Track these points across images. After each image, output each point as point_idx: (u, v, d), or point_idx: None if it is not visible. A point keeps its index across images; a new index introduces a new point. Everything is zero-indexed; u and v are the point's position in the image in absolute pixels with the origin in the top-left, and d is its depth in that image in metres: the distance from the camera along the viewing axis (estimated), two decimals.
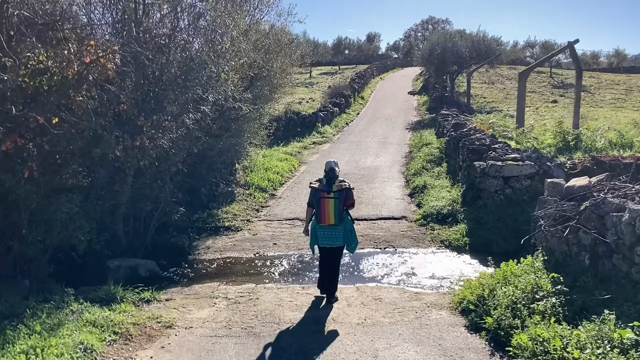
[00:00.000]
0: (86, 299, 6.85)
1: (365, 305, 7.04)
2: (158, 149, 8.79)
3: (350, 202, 7.26)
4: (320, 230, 7.20)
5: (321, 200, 7.11)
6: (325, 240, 7.19)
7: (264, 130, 15.73)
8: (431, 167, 14.99)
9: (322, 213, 7.08)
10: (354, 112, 30.95)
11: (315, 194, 7.22)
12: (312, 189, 7.37)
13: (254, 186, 13.94)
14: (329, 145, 21.65)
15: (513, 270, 6.67)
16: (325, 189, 7.17)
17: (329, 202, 7.06)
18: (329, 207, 7.04)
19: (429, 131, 21.87)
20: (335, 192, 7.11)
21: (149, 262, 8.99)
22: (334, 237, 7.17)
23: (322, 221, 7.08)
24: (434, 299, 7.27)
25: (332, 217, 7.04)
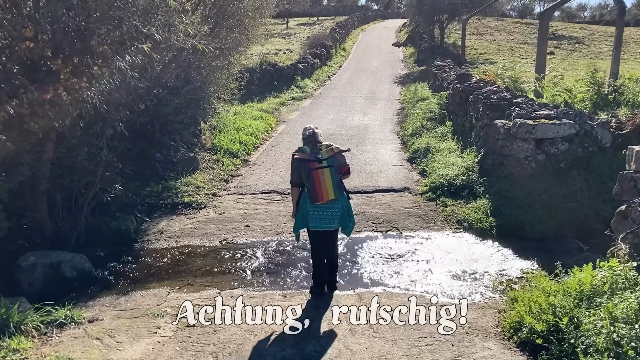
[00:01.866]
0: None
1: (376, 332, 4.87)
2: (82, 104, 6.36)
3: (345, 168, 5.72)
4: (313, 210, 5.59)
5: (312, 173, 5.41)
6: (318, 222, 5.61)
7: (234, 83, 13.26)
8: (432, 127, 12.74)
9: (318, 189, 5.41)
10: (336, 65, 28.34)
11: (302, 166, 5.47)
12: (296, 161, 5.54)
13: (222, 150, 11.56)
14: (310, 101, 19.20)
15: (595, 284, 4.52)
16: (313, 158, 5.46)
17: (324, 173, 5.42)
18: (325, 179, 5.41)
19: (421, 85, 19.54)
20: (328, 158, 5.48)
21: (77, 257, 6.68)
22: (329, 218, 5.61)
23: (318, 199, 5.44)
24: (472, 317, 5.14)
25: (331, 190, 5.44)
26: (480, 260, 6.72)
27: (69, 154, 7.07)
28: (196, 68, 10.57)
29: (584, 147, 8.28)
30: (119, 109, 7.46)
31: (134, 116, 8.48)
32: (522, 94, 10.99)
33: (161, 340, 4.78)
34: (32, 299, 5.75)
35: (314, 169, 5.39)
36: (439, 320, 5.08)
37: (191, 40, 7.41)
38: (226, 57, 11.69)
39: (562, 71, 20.50)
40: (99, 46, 6.30)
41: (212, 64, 11.17)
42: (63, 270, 6.44)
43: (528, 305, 4.69)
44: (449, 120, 12.69)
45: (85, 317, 5.28)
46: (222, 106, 13.83)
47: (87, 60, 6.30)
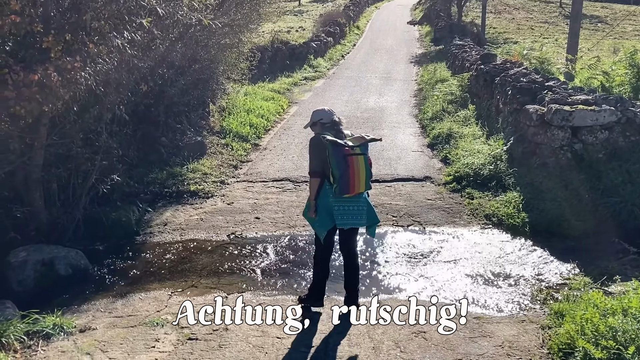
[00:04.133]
0: None
1: (403, 352, 4.27)
2: (75, 86, 5.75)
3: (370, 161, 4.91)
4: (338, 205, 4.84)
5: (348, 158, 4.65)
6: (346, 219, 4.88)
7: (244, 62, 12.58)
8: (454, 110, 12.00)
9: (352, 178, 4.68)
10: (349, 43, 27.45)
11: (337, 152, 4.65)
12: (330, 144, 4.65)
13: (231, 134, 10.92)
14: (323, 81, 18.46)
15: None
16: (347, 145, 4.72)
17: (358, 160, 4.70)
18: (360, 168, 4.70)
19: (439, 65, 18.70)
20: (360, 146, 4.77)
21: (72, 253, 6.13)
22: (357, 213, 4.91)
23: (349, 190, 4.72)
24: (511, 333, 4.53)
25: (363, 182, 4.76)
26: (513, 262, 6.08)
27: (63, 140, 6.49)
28: (204, 46, 9.90)
29: (626, 136, 7.56)
30: (118, 91, 6.87)
31: (137, 98, 7.88)
32: (553, 77, 10.21)
33: (159, 357, 4.22)
34: (21, 300, 5.25)
35: (348, 154, 4.66)
36: (473, 337, 4.48)
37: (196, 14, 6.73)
38: (236, 35, 11.00)
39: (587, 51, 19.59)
40: (94, 21, 5.68)
41: (221, 42, 10.49)
42: (57, 268, 5.91)
43: (580, 324, 4.06)
44: (471, 104, 11.95)
45: (76, 325, 4.74)
46: (232, 86, 13.19)
47: (81, 37, 5.70)
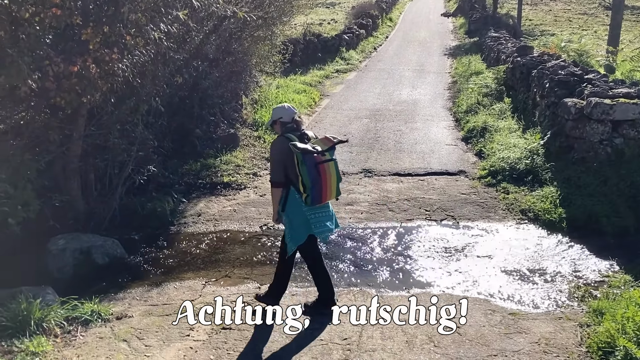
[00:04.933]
0: None
1: (437, 346, 4.23)
2: (113, 78, 5.84)
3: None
4: (313, 213, 4.56)
5: (319, 167, 4.38)
6: (322, 227, 4.62)
7: (277, 55, 12.59)
8: (489, 103, 11.78)
9: (324, 188, 4.43)
10: (382, 35, 27.20)
11: (308, 160, 4.36)
12: (300, 151, 4.33)
13: (264, 126, 10.95)
14: (355, 73, 18.36)
15: None
16: (312, 150, 4.41)
17: (330, 168, 4.46)
18: (332, 176, 4.48)
19: (473, 57, 18.37)
20: (328, 150, 4.51)
21: (108, 242, 6.26)
22: (329, 218, 4.72)
23: (322, 199, 4.48)
24: (547, 330, 4.44)
25: (334, 189, 4.55)
26: (550, 258, 5.96)
27: (101, 131, 6.60)
28: (238, 39, 9.95)
29: None
30: (154, 83, 6.95)
31: (172, 90, 7.97)
32: (592, 69, 9.93)
33: (194, 346, 4.27)
34: (61, 286, 5.38)
35: (319, 162, 4.36)
36: (508, 332, 4.40)
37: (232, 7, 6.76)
38: (269, 27, 11.01)
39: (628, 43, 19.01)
40: (132, 13, 5.74)
41: (255, 35, 10.53)
42: (94, 256, 6.03)
43: (620, 323, 3.96)
44: (507, 97, 11.72)
45: (113, 312, 4.83)
46: (265, 79, 13.23)
47: (118, 29, 5.77)
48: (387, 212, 7.24)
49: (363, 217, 7.10)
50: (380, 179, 8.52)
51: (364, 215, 7.17)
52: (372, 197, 7.79)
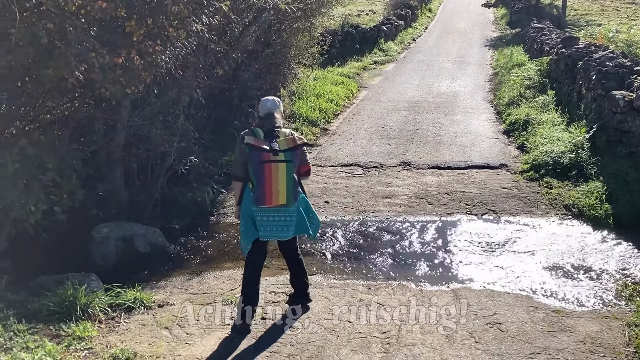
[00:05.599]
0: (20, 316, 4.29)
1: (478, 342, 4.17)
2: (156, 69, 5.93)
3: (306, 167, 4.50)
4: (260, 215, 4.29)
5: (263, 166, 4.13)
6: (268, 231, 4.33)
7: (315, 46, 12.56)
8: (531, 96, 11.50)
9: (267, 188, 4.15)
10: (421, 27, 26.86)
11: (252, 155, 4.18)
12: (246, 146, 4.20)
13: (301, 118, 10.97)
14: (394, 65, 18.18)
15: None
16: (267, 147, 4.17)
17: (277, 169, 4.14)
18: (279, 178, 4.14)
19: (516, 48, 17.97)
20: (287, 151, 4.18)
21: (150, 231, 6.37)
22: (282, 225, 4.34)
23: (265, 201, 4.18)
24: (593, 329, 4.32)
25: (283, 193, 4.17)
26: (595, 255, 5.79)
27: (143, 122, 6.72)
28: (277, 30, 9.98)
29: None
30: (195, 75, 7.03)
31: (212, 82, 8.03)
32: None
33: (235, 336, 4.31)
34: (104, 273, 5.51)
35: (265, 160, 4.12)
36: (552, 331, 4.30)
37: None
38: (308, 19, 11.00)
39: None
40: (174, 5, 5.79)
41: (294, 26, 10.53)
42: (136, 245, 6.15)
43: None
44: (551, 89, 11.41)
45: (155, 300, 4.92)
46: (302, 71, 13.23)
47: (161, 21, 5.82)
48: (427, 206, 7.16)
49: (401, 211, 7.04)
50: (419, 172, 8.42)
51: (402, 208, 7.11)
52: (411, 190, 7.71)
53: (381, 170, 8.56)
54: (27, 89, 5.33)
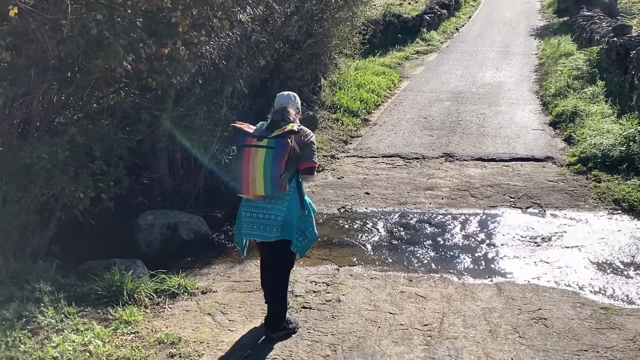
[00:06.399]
0: (70, 299, 4.44)
1: (522, 337, 4.09)
2: (200, 60, 6.00)
3: (307, 164, 4.01)
4: (246, 209, 4.05)
5: (243, 149, 3.89)
6: (250, 228, 4.02)
7: (357, 36, 12.48)
8: (580, 86, 11.15)
9: (244, 174, 3.84)
10: (464, 16, 26.34)
11: (238, 139, 3.98)
12: (232, 129, 4.09)
13: (342, 109, 10.94)
14: (436, 55, 17.91)
15: None
16: (254, 132, 3.94)
17: (256, 155, 3.81)
18: (256, 164, 3.78)
19: (563, 38, 17.43)
20: (273, 138, 3.84)
21: (194, 219, 6.49)
22: (266, 223, 3.97)
23: (242, 189, 3.91)
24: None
25: (260, 182, 3.79)
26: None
27: (188, 112, 6.82)
28: (319, 20, 9.95)
29: None
30: (238, 65, 7.08)
31: (254, 72, 8.08)
32: None
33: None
34: (149, 259, 5.64)
35: (246, 144, 3.86)
36: (600, 328, 4.19)
37: None
38: (350, 8, 10.93)
39: None
40: None
41: (336, 16, 10.49)
42: (180, 232, 6.28)
43: None
44: (600, 80, 11.02)
45: (198, 287, 5.01)
46: (343, 61, 13.16)
47: (206, 12, 5.88)
48: (469, 198, 7.05)
49: (444, 203, 6.95)
50: (462, 164, 8.29)
51: (444, 200, 7.02)
52: (454, 182, 7.61)
53: (423, 162, 8.47)
54: (76, 79, 5.48)
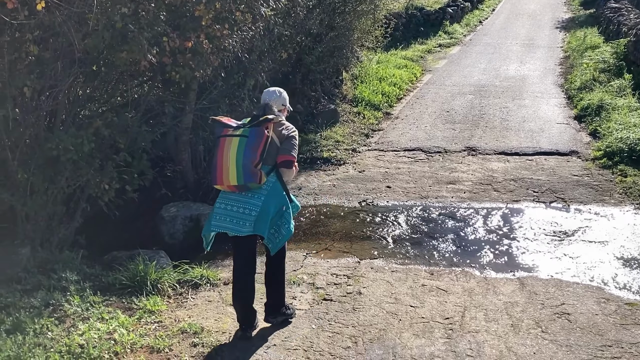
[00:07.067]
0: (95, 289, 4.52)
1: (545, 332, 4.05)
2: (223, 53, 6.04)
3: (284, 157, 3.95)
4: (221, 201, 3.98)
5: (219, 139, 3.86)
6: (221, 220, 3.93)
7: (379, 29, 12.41)
8: (606, 80, 10.95)
9: (217, 162, 3.79)
10: (488, 8, 25.98)
11: (217, 131, 3.97)
12: (211, 121, 4.11)
13: (363, 102, 10.90)
14: (459, 48, 17.73)
15: None
16: (233, 125, 3.90)
17: (230, 143, 3.77)
18: (230, 152, 3.73)
19: (589, 30, 17.11)
20: (248, 128, 3.81)
21: None
22: (239, 216, 3.87)
23: (216, 179, 3.84)
24: None
25: (233, 171, 3.72)
26: None
27: (210, 105, 6.87)
28: (341, 13, 9.92)
29: None
30: (260, 58, 7.11)
31: (276, 66, 8.10)
32: None
33: (296, 316, 4.38)
34: (172, 251, 5.72)
35: (222, 135, 3.84)
36: (625, 324, 4.13)
37: None
38: (372, 1, 10.87)
39: None
40: None
41: (358, 9, 10.44)
42: (202, 224, 6.30)
43: None
44: (628, 73, 10.81)
45: (220, 278, 5.07)
46: (365, 54, 13.11)
47: (229, 5, 5.91)
48: (492, 192, 6.99)
49: (466, 197, 6.91)
50: (485, 158, 8.22)
51: (466, 194, 6.97)
52: (476, 176, 7.55)
53: (445, 156, 8.41)
54: (101, 72, 5.55)
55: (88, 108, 5.81)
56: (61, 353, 3.64)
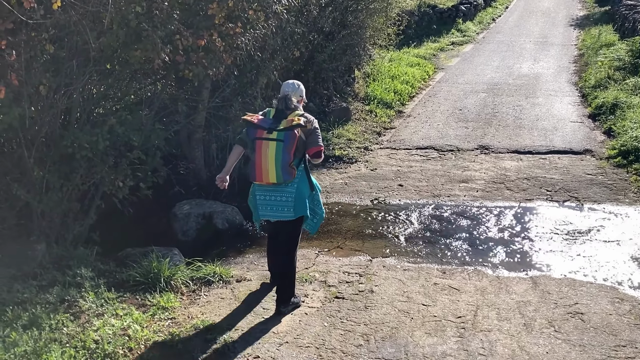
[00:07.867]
0: (109, 285, 4.57)
1: (558, 332, 4.03)
2: (236, 51, 6.06)
3: (315, 149, 4.32)
4: (260, 193, 4.38)
5: (255, 142, 4.19)
6: (266, 209, 4.38)
7: (391, 27, 12.37)
8: (621, 78, 10.85)
9: (257, 165, 4.17)
10: (501, 6, 25.81)
11: (249, 131, 4.26)
12: (243, 121, 4.36)
13: (375, 100, 10.89)
14: (472, 46, 17.64)
15: None
16: (264, 125, 4.19)
17: (267, 147, 4.12)
18: (268, 156, 4.11)
19: (604, 28, 16.97)
20: (282, 130, 4.13)
21: (228, 209, 6.58)
22: (280, 204, 4.32)
23: (256, 177, 4.23)
24: None
25: (272, 172, 4.14)
26: None
27: (223, 103, 6.90)
28: (353, 11, 9.90)
29: None
30: (273, 57, 7.12)
31: (288, 64, 8.12)
32: None
33: (308, 312, 4.41)
34: (185, 248, 5.75)
35: (258, 137, 4.17)
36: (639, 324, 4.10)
37: None
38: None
39: None
40: None
41: (370, 7, 10.42)
42: (215, 222, 6.38)
43: None
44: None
45: (233, 275, 5.09)
46: (377, 52, 13.08)
47: (242, 4, 5.93)
48: (505, 191, 6.96)
49: (478, 195, 6.88)
50: (498, 156, 8.19)
51: (479, 193, 6.95)
52: (489, 174, 7.52)
53: (458, 154, 8.38)
54: (115, 70, 5.60)
55: (102, 106, 5.86)
56: (76, 348, 3.69)
